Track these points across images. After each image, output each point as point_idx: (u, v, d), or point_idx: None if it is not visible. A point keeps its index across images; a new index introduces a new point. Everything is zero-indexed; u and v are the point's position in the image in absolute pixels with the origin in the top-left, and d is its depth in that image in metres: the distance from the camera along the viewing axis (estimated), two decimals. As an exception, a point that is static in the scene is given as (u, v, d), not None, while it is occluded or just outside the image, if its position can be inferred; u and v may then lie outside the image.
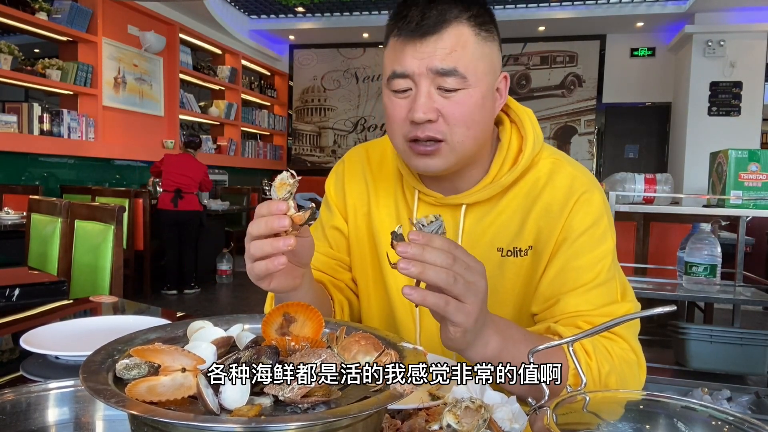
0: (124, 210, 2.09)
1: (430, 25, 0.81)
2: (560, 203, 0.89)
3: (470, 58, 0.82)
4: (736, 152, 2.18)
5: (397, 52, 0.83)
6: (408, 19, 0.82)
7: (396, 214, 1.00)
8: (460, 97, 0.82)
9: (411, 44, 0.82)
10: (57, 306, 1.37)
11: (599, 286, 0.85)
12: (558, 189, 0.90)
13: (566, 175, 0.91)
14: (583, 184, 0.90)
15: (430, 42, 0.81)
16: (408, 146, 0.86)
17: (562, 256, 0.87)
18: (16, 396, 0.70)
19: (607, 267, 0.87)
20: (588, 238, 0.87)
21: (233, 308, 4.98)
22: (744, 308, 4.42)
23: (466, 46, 0.82)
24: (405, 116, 0.84)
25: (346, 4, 7.64)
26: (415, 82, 0.82)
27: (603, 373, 0.79)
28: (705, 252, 2.19)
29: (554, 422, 0.53)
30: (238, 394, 0.51)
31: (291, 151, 9.48)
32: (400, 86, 0.84)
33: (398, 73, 0.83)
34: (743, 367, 2.15)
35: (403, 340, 0.67)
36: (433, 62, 0.81)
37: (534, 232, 0.90)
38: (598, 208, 0.89)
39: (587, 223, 0.87)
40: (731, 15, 6.71)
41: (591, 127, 8.29)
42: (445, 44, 0.81)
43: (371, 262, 1.02)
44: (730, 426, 0.54)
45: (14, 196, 4.45)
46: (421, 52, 0.81)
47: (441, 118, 0.82)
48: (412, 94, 0.83)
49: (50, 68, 5.14)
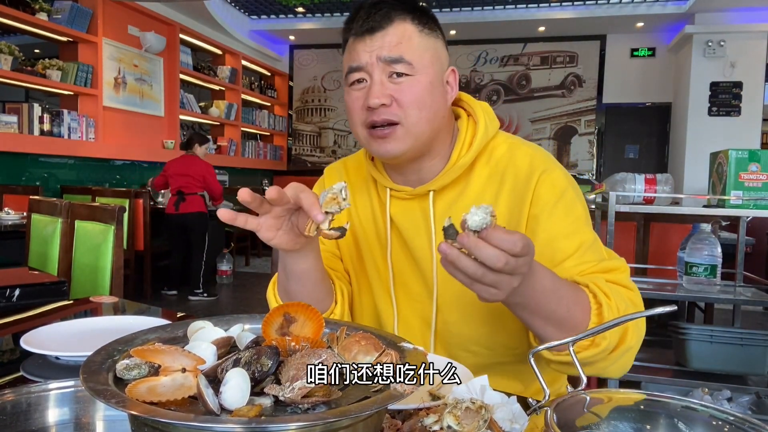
0: (124, 210, 2.09)
1: (377, 20, 0.91)
2: (524, 182, 0.95)
3: (415, 48, 0.91)
4: (736, 152, 2.18)
5: (351, 51, 0.94)
6: (357, 20, 0.93)
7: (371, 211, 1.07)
8: (409, 82, 0.90)
9: (361, 41, 0.92)
10: (57, 306, 1.37)
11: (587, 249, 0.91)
12: (519, 168, 0.96)
13: (524, 154, 0.97)
14: (543, 162, 0.96)
15: (378, 36, 0.91)
16: (367, 133, 0.93)
17: (542, 231, 0.92)
18: (17, 396, 0.70)
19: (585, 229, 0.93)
20: (561, 209, 0.92)
21: (233, 308, 4.98)
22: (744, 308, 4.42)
23: (411, 38, 0.91)
24: (362, 105, 0.92)
25: (347, 4, 7.64)
26: (369, 72, 0.91)
27: (621, 310, 0.82)
28: (705, 252, 2.19)
29: (554, 422, 0.53)
30: (238, 395, 0.51)
31: (291, 151, 9.48)
32: (356, 78, 0.93)
33: (353, 67, 0.93)
34: (744, 368, 2.15)
35: (403, 340, 0.67)
36: (382, 52, 0.90)
37: (505, 213, 0.95)
38: (560, 181, 0.94)
39: (555, 196, 0.93)
40: (731, 15, 6.72)
41: (591, 127, 8.29)
42: (392, 38, 0.90)
43: (357, 255, 1.09)
44: (730, 426, 0.54)
45: (14, 196, 4.45)
46: (370, 45, 0.91)
47: (394, 103, 0.90)
48: (367, 85, 0.92)
49: (50, 68, 5.14)
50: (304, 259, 0.87)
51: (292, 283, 0.90)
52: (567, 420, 0.56)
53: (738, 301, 2.25)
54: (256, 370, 0.55)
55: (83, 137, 5.38)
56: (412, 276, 1.03)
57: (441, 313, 1.00)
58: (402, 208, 1.02)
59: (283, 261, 0.89)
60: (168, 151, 6.60)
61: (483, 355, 1.01)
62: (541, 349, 0.67)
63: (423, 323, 1.03)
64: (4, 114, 4.72)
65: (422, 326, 1.03)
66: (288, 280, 0.91)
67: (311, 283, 0.91)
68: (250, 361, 0.56)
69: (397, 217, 1.03)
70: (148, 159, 6.41)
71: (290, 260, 0.87)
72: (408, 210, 1.01)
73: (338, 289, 1.02)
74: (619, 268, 0.90)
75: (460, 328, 1.00)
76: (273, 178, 9.26)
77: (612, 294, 0.83)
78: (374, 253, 1.06)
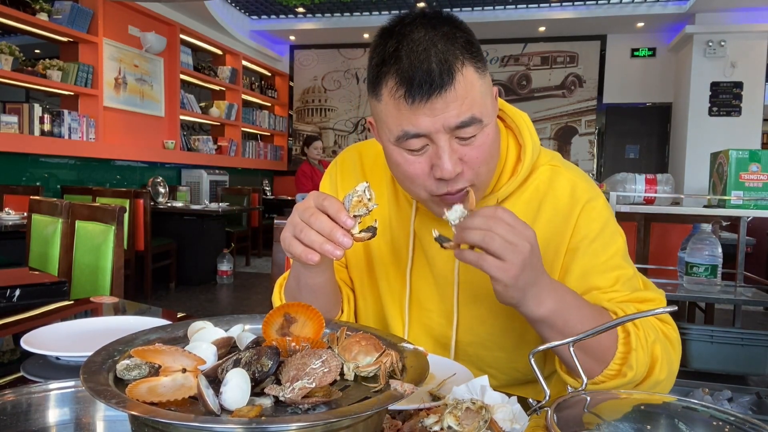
0: (124, 210, 2.09)
1: (435, 78, 0.74)
2: (564, 212, 0.89)
3: (479, 98, 0.78)
4: (736, 152, 2.18)
5: (403, 111, 0.77)
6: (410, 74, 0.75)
7: (388, 218, 1.00)
8: (480, 141, 0.79)
9: (421, 104, 0.75)
10: (58, 306, 1.37)
11: (624, 284, 0.86)
12: (560, 197, 0.90)
13: (566, 181, 0.91)
14: (585, 192, 0.90)
15: (440, 99, 0.74)
16: (435, 198, 0.83)
17: (578, 265, 0.88)
18: (17, 397, 0.70)
19: (624, 264, 0.88)
20: (600, 243, 0.88)
21: (233, 308, 4.97)
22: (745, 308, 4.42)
23: (473, 86, 0.77)
24: (428, 173, 0.80)
25: (347, 4, 7.64)
26: (433, 139, 0.77)
27: (650, 341, 0.80)
28: (706, 252, 2.19)
29: (554, 422, 0.53)
30: (238, 395, 0.51)
31: (291, 151, 9.48)
32: (416, 146, 0.79)
33: (412, 134, 0.77)
34: (744, 368, 2.15)
35: (403, 340, 0.67)
36: (449, 120, 0.76)
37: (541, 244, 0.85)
38: (602, 213, 0.89)
39: (596, 230, 0.88)
40: (732, 15, 6.71)
41: (591, 127, 8.29)
42: (457, 95, 0.75)
43: (366, 262, 1.03)
44: (731, 426, 0.54)
45: (15, 196, 4.45)
46: (433, 110, 0.75)
47: (465, 166, 0.79)
48: (429, 150, 0.79)
49: (51, 69, 5.14)
50: (321, 274, 0.85)
51: (305, 294, 0.87)
52: (567, 420, 0.56)
53: (738, 302, 2.25)
54: (256, 370, 0.55)
55: (84, 137, 5.38)
56: (430, 295, 0.98)
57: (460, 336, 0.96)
58: (428, 225, 0.94)
59: (298, 274, 0.87)
60: (168, 151, 6.60)
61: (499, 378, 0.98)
62: (541, 349, 0.67)
63: (435, 343, 0.99)
64: (5, 114, 4.72)
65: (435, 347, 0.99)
66: (300, 291, 0.88)
67: (324, 295, 0.89)
68: (251, 362, 0.56)
69: (422, 233, 0.96)
70: (149, 159, 6.41)
71: (307, 274, 0.84)
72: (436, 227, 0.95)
73: (345, 296, 1.00)
74: (654, 300, 0.86)
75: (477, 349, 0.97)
76: (273, 178, 9.26)
77: (641, 323, 0.81)
78: (387, 265, 1.00)
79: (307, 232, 0.71)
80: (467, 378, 0.76)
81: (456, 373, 0.79)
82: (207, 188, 7.05)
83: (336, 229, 0.70)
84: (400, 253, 0.99)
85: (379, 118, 0.82)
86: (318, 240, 0.70)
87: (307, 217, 0.72)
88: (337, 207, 0.70)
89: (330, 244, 0.70)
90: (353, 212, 0.70)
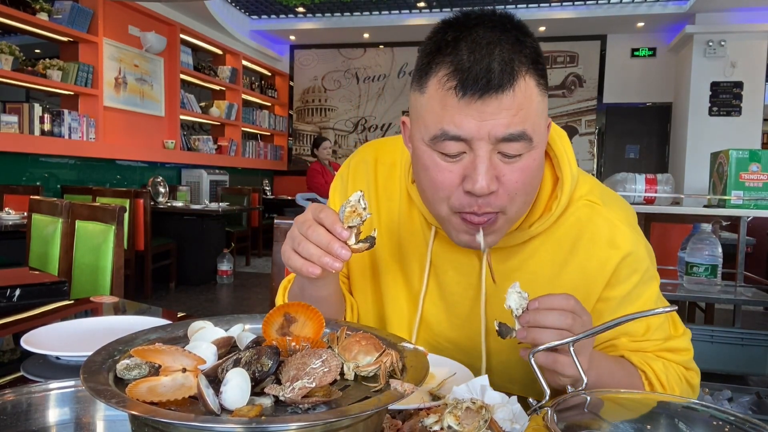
0: (124, 210, 2.09)
1: (496, 80, 0.65)
2: (600, 260, 0.81)
3: (535, 116, 0.69)
4: (736, 152, 2.18)
5: (448, 107, 0.68)
6: (465, 66, 0.66)
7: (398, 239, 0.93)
8: (524, 163, 0.70)
9: (471, 100, 0.66)
10: (58, 306, 1.37)
11: (655, 330, 0.84)
12: (596, 243, 0.81)
13: (605, 225, 0.82)
14: (625, 239, 0.81)
15: (494, 100, 0.66)
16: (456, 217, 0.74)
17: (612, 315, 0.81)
18: (17, 396, 0.70)
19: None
20: (636, 293, 0.83)
21: (234, 308, 4.97)
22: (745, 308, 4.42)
23: (532, 101, 0.68)
24: (457, 184, 0.71)
25: (347, 4, 7.64)
26: (472, 147, 0.69)
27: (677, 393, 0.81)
28: (706, 252, 2.19)
29: (554, 422, 0.53)
30: (238, 395, 0.51)
31: (292, 151, 9.48)
32: (452, 150, 0.70)
33: (451, 135, 0.69)
34: (744, 368, 2.15)
35: (403, 340, 0.67)
36: (499, 128, 0.67)
37: (569, 288, 0.81)
38: (642, 264, 0.82)
39: (633, 282, 0.82)
40: (732, 15, 6.71)
41: (592, 127, 8.28)
42: (512, 103, 0.67)
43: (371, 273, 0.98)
44: (731, 426, 0.54)
45: (15, 196, 4.45)
46: (482, 112, 0.66)
47: (500, 189, 0.70)
48: (465, 159, 0.70)
49: (51, 68, 5.14)
50: (325, 287, 0.84)
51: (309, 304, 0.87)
52: (567, 420, 0.56)
53: (738, 301, 2.25)
54: (256, 370, 0.55)
55: (84, 137, 5.38)
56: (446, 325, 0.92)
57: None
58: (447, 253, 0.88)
59: (303, 287, 0.85)
60: (168, 151, 6.61)
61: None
62: (541, 349, 0.67)
63: None
64: (5, 114, 4.72)
65: None
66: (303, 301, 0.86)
67: (328, 306, 0.86)
68: (251, 361, 0.56)
69: (439, 261, 0.89)
70: (149, 159, 6.41)
71: (311, 287, 0.83)
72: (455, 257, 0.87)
73: (348, 304, 0.98)
74: (683, 350, 0.84)
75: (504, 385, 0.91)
76: (273, 178, 9.26)
77: (667, 380, 0.81)
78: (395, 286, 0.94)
79: (305, 245, 0.70)
80: (467, 378, 0.76)
81: (456, 372, 0.79)
82: (207, 188, 7.05)
83: (333, 242, 0.68)
84: (412, 277, 0.93)
85: (417, 115, 0.74)
86: (316, 253, 0.69)
87: (305, 230, 0.71)
88: (332, 219, 0.69)
89: (328, 256, 0.69)
90: (348, 223, 0.70)
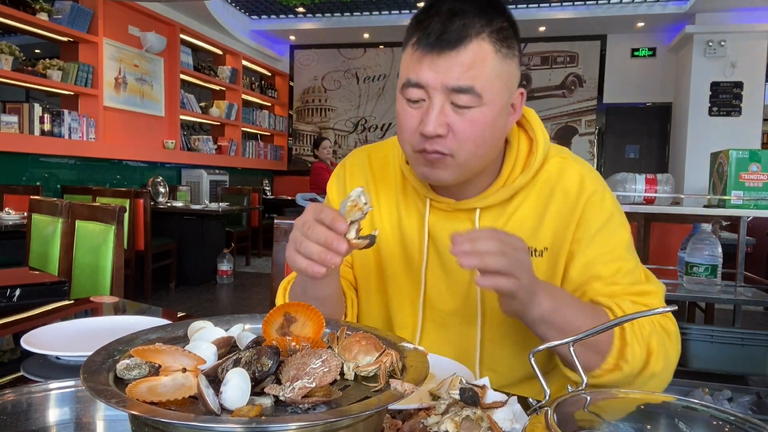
0: (124, 210, 2.09)
1: (451, 39, 0.79)
2: (572, 203, 0.91)
3: (487, 76, 0.80)
4: (736, 152, 2.18)
5: (413, 62, 0.82)
6: (429, 30, 0.80)
7: (398, 218, 0.99)
8: (472, 115, 0.81)
9: (428, 56, 0.80)
10: (58, 306, 1.37)
11: (627, 273, 0.88)
12: (569, 188, 0.91)
13: (575, 173, 0.92)
14: (592, 183, 0.92)
15: (448, 57, 0.79)
16: (416, 154, 0.85)
17: (583, 254, 0.89)
18: (17, 396, 0.70)
19: (627, 255, 0.90)
20: (604, 234, 0.89)
21: (234, 308, 4.97)
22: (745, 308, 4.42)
23: (485, 62, 0.80)
24: (416, 127, 0.83)
25: (347, 4, 7.63)
26: (429, 94, 0.81)
27: (645, 334, 0.82)
28: (706, 252, 2.19)
29: (554, 422, 0.53)
30: (238, 395, 0.51)
31: (292, 151, 9.48)
32: (413, 96, 0.83)
33: (413, 82, 0.82)
34: (744, 368, 2.15)
35: (403, 340, 0.67)
36: (449, 79, 0.79)
37: (550, 234, 0.91)
38: (608, 205, 0.91)
39: (601, 221, 0.90)
40: (732, 15, 6.71)
41: (592, 127, 8.28)
42: (463, 60, 0.79)
43: (375, 264, 1.02)
44: (731, 426, 0.54)
45: (15, 196, 4.45)
46: (437, 65, 0.80)
47: (451, 134, 0.81)
48: (424, 106, 0.82)
49: (51, 69, 5.14)
50: (326, 287, 0.87)
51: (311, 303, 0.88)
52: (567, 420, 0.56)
53: (738, 301, 2.25)
54: (256, 370, 0.55)
55: (84, 137, 5.38)
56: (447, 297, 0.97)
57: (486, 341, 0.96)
58: (442, 221, 0.95)
59: (305, 285, 0.87)
60: (168, 151, 6.60)
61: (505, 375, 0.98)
62: (541, 348, 0.67)
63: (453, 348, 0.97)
64: (5, 114, 4.72)
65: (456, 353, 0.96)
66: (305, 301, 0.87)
67: (330, 305, 0.90)
68: (251, 361, 0.56)
69: (436, 230, 0.95)
70: (149, 159, 6.41)
71: (314, 287, 0.86)
72: (450, 224, 0.94)
73: (349, 300, 1.00)
74: (653, 293, 0.87)
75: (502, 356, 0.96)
76: (273, 178, 9.26)
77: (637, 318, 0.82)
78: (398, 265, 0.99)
79: (306, 244, 0.72)
80: (468, 378, 0.76)
81: (456, 372, 0.79)
82: (207, 188, 7.05)
83: (331, 237, 0.70)
84: (413, 252, 0.98)
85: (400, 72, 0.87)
86: (316, 250, 0.71)
87: (305, 230, 0.72)
88: (332, 216, 0.71)
89: (328, 252, 0.71)
90: (349, 218, 0.71)
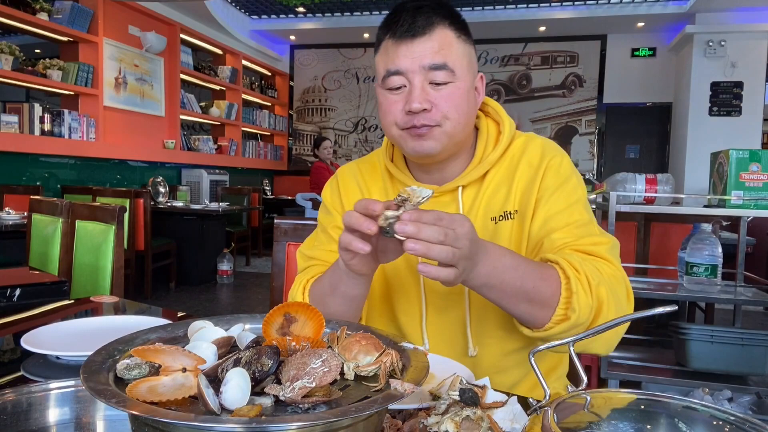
0: (125, 210, 2.09)
1: (420, 27, 0.91)
2: (534, 169, 1.00)
3: (456, 55, 0.93)
4: (737, 152, 2.18)
5: (390, 53, 0.93)
6: (400, 23, 0.92)
7: None
8: (449, 90, 0.92)
9: (404, 45, 0.91)
10: (58, 306, 1.37)
11: (580, 226, 0.95)
12: (532, 157, 1.01)
13: (537, 145, 1.03)
14: (552, 150, 1.02)
15: (420, 41, 0.91)
16: (404, 132, 0.94)
17: (542, 210, 0.97)
18: (17, 396, 0.70)
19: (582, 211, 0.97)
20: (562, 192, 0.97)
21: (234, 308, 4.97)
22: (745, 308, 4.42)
23: (452, 45, 0.93)
24: (401, 108, 0.93)
25: (347, 4, 7.64)
26: (409, 78, 0.92)
27: (593, 284, 0.84)
28: (706, 252, 2.19)
29: (555, 422, 0.53)
30: (238, 395, 0.51)
31: (292, 151, 9.48)
32: (395, 83, 0.93)
33: (392, 71, 0.92)
34: (744, 368, 2.15)
35: (403, 339, 0.67)
36: (425, 60, 0.91)
37: (518, 197, 1.00)
38: (565, 168, 1.00)
39: (558, 181, 0.98)
40: (732, 15, 6.71)
41: (592, 127, 8.28)
42: (434, 43, 0.91)
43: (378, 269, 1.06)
44: (731, 426, 0.54)
45: (15, 196, 4.45)
46: (412, 51, 0.91)
47: (434, 108, 0.92)
48: (406, 90, 0.93)
49: (51, 68, 5.14)
50: (363, 286, 0.89)
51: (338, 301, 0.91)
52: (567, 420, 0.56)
53: (738, 301, 2.25)
54: (256, 369, 0.55)
55: (84, 137, 5.38)
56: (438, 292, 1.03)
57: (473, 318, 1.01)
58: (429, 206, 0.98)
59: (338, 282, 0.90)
60: (168, 150, 6.60)
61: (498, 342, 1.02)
62: (541, 349, 0.67)
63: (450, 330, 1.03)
64: (5, 114, 4.72)
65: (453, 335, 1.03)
66: (333, 297, 0.91)
67: (356, 305, 0.93)
68: (251, 361, 0.56)
69: None
70: (149, 159, 6.41)
71: (351, 284, 0.88)
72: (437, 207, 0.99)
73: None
74: (602, 242, 0.93)
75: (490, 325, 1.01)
76: (273, 178, 9.26)
77: (582, 267, 0.85)
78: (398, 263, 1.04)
79: (344, 234, 0.78)
80: (468, 378, 0.76)
81: (456, 372, 0.79)
82: (207, 188, 7.05)
83: (361, 220, 0.74)
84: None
85: (377, 73, 0.97)
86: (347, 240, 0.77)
87: (345, 221, 0.76)
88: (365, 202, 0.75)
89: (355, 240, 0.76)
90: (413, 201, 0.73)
